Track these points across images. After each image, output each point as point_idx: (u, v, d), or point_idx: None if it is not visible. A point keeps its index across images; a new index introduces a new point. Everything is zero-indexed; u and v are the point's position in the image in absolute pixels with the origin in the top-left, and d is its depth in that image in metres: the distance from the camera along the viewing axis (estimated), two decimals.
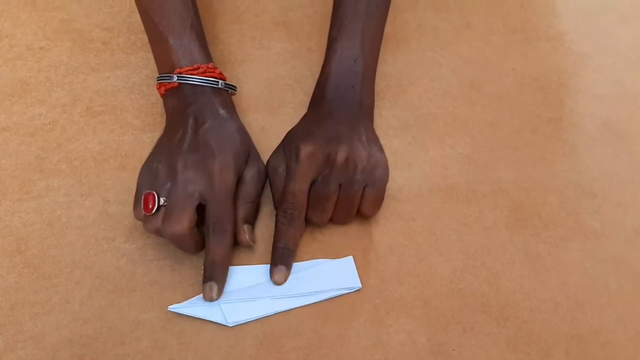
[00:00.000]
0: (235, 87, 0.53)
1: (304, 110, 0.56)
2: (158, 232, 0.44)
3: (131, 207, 0.49)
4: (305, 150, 0.46)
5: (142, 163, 0.47)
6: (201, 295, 0.45)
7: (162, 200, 0.44)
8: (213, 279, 0.45)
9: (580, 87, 0.60)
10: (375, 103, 0.55)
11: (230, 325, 0.44)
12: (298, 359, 0.43)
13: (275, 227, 0.47)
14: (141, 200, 0.45)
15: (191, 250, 0.46)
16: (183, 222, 0.43)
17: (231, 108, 0.52)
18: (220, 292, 0.45)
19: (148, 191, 0.44)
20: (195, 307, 0.45)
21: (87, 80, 0.58)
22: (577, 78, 0.61)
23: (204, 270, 0.45)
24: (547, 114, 0.58)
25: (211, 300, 0.44)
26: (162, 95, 0.51)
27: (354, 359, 0.43)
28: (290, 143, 0.48)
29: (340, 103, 0.51)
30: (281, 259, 0.46)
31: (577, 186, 0.52)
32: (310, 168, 0.46)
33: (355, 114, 0.51)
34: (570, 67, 0.61)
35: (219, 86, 0.50)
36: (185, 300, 0.45)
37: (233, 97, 0.54)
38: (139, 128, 0.55)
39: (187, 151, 0.46)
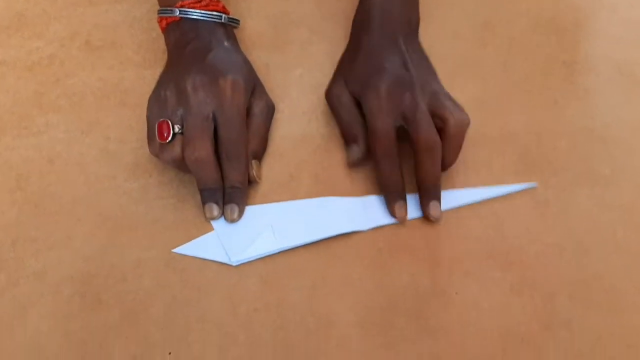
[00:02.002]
0: (239, 21, 0.51)
1: (310, 48, 0.55)
2: (177, 162, 0.43)
3: (132, 145, 0.49)
4: (385, 86, 0.45)
5: (143, 100, 0.46)
6: (204, 236, 0.45)
7: (176, 127, 0.43)
8: (233, 202, 0.45)
9: (596, 29, 0.58)
10: None
11: (234, 265, 0.43)
12: (301, 299, 0.43)
13: (378, 169, 0.46)
14: (155, 131, 0.43)
15: (213, 176, 0.44)
16: (207, 146, 0.42)
17: (235, 42, 0.50)
18: (241, 213, 0.45)
19: (161, 120, 0.43)
20: (198, 247, 0.44)
21: (85, 13, 0.56)
22: (593, 19, 0.59)
23: (225, 194, 0.45)
24: (561, 57, 0.56)
25: (233, 221, 0.45)
26: (163, 30, 0.49)
27: (357, 300, 0.43)
28: (359, 79, 0.47)
29: (393, 25, 0.49)
30: (397, 196, 0.45)
31: (588, 131, 0.51)
32: (393, 102, 0.45)
33: (407, 35, 0.50)
34: (587, 8, 0.59)
35: (222, 20, 0.48)
36: (188, 239, 0.44)
37: (236, 32, 0.52)
38: (140, 64, 0.53)
39: (195, 73, 0.44)
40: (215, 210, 0.44)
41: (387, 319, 0.42)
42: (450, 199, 0.46)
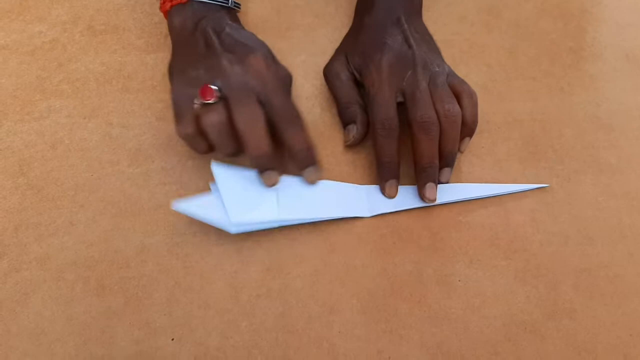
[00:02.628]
0: (240, 5, 0.51)
1: (313, 34, 0.55)
2: (220, 126, 0.40)
3: (135, 131, 0.48)
4: (387, 60, 0.45)
5: (146, 85, 0.46)
6: (206, 197, 0.43)
7: (219, 92, 0.41)
8: (310, 164, 0.43)
9: (603, 16, 0.58)
10: None
11: (233, 231, 0.42)
12: (303, 286, 0.43)
13: (375, 142, 0.45)
14: (183, 115, 0.41)
15: (265, 140, 0.41)
16: (258, 108, 0.41)
17: (240, 24, 0.50)
18: (319, 172, 0.44)
19: (203, 85, 0.41)
20: (199, 206, 0.42)
21: None
22: (600, 6, 0.59)
23: (295, 160, 0.43)
24: (567, 43, 0.55)
25: (313, 182, 0.44)
26: (167, 12, 0.48)
27: (360, 287, 0.43)
28: (361, 53, 0.47)
29: (394, 5, 0.49)
30: (390, 173, 0.45)
31: (594, 119, 0.51)
32: (394, 77, 0.45)
33: (410, 14, 0.50)
34: None
35: (229, 4, 0.48)
36: (191, 224, 0.44)
37: (239, 17, 0.52)
38: (142, 49, 0.53)
39: (223, 52, 0.43)
40: (274, 175, 0.43)
41: (390, 305, 0.42)
42: (459, 191, 0.46)
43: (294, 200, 0.45)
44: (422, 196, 0.45)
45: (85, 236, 0.44)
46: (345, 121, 0.48)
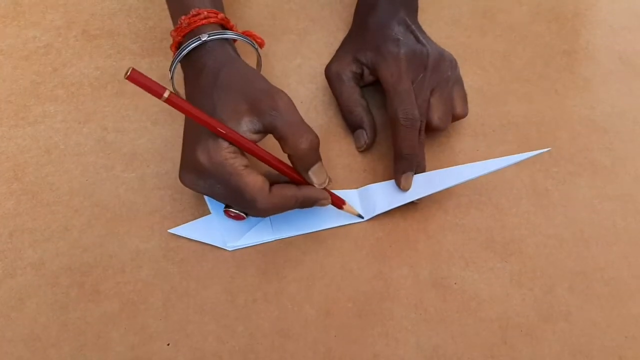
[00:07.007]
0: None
1: (308, 37, 0.55)
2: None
3: (130, 135, 0.48)
4: (404, 54, 0.45)
5: (140, 90, 0.45)
6: (201, 218, 0.44)
7: None
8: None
9: (597, 19, 0.58)
10: None
11: (230, 249, 0.43)
12: (299, 290, 0.43)
13: (397, 133, 0.44)
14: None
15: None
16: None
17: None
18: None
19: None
20: (195, 229, 0.44)
21: (81, 2, 0.56)
22: (594, 9, 0.59)
23: None
24: (561, 46, 0.56)
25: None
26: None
27: (356, 290, 0.43)
28: (372, 48, 0.47)
29: (396, 5, 0.49)
30: (409, 166, 0.44)
31: (588, 121, 0.51)
32: (410, 71, 0.45)
33: (409, 14, 0.50)
34: None
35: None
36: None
37: (236, 22, 0.52)
38: (137, 53, 0.53)
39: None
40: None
41: (386, 308, 0.42)
42: (457, 175, 0.43)
43: (287, 215, 0.44)
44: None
45: (80, 241, 0.44)
46: (351, 125, 0.49)
